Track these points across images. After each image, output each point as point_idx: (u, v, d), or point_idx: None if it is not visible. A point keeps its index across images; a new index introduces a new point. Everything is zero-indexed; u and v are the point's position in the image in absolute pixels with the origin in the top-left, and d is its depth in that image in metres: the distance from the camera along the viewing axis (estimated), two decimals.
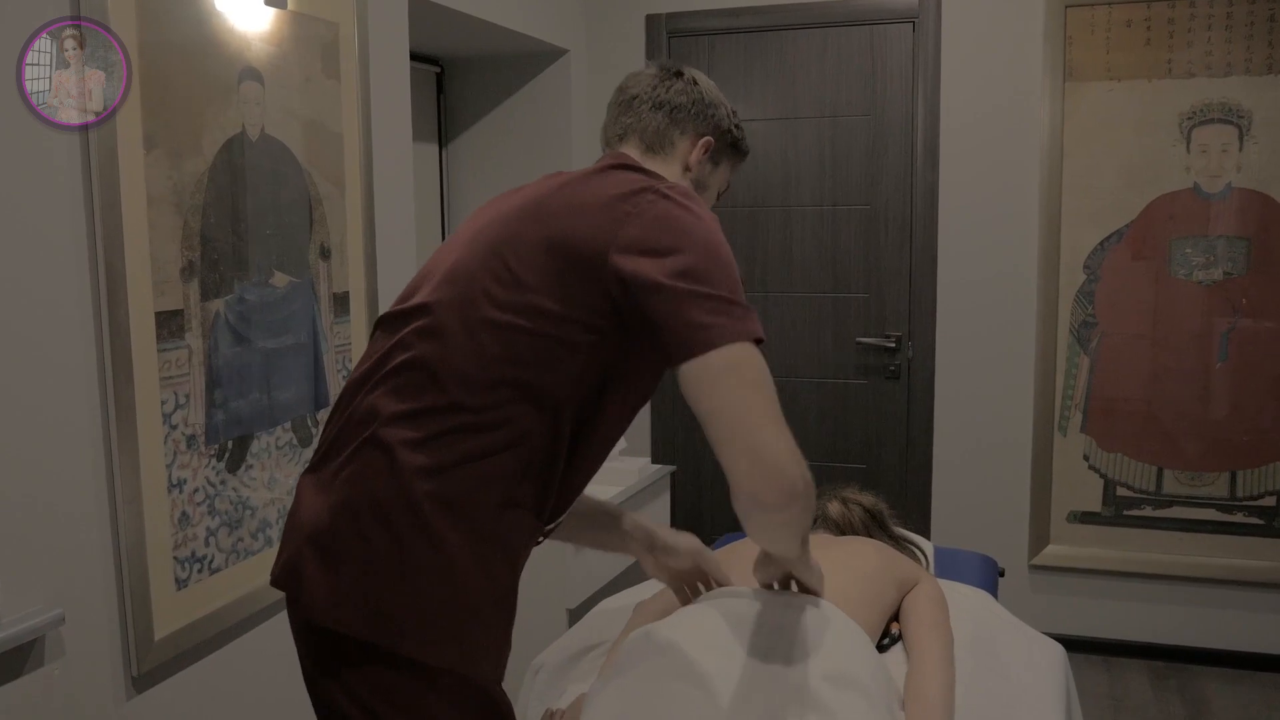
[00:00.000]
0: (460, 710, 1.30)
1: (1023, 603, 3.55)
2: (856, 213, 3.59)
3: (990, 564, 2.32)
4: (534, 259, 1.30)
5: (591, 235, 1.28)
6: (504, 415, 1.29)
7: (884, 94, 3.53)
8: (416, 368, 1.31)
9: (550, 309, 1.28)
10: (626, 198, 1.30)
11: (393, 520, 1.27)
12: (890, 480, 3.67)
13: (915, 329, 3.57)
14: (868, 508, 2.14)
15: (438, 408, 1.29)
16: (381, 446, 1.29)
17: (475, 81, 3.78)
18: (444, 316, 1.32)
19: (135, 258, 1.85)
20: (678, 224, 1.28)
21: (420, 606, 1.26)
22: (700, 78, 1.55)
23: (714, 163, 1.55)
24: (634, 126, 1.52)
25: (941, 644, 1.70)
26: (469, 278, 1.33)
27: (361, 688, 1.29)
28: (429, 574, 1.27)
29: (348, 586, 1.28)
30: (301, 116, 2.26)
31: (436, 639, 1.27)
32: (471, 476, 1.28)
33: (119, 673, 1.87)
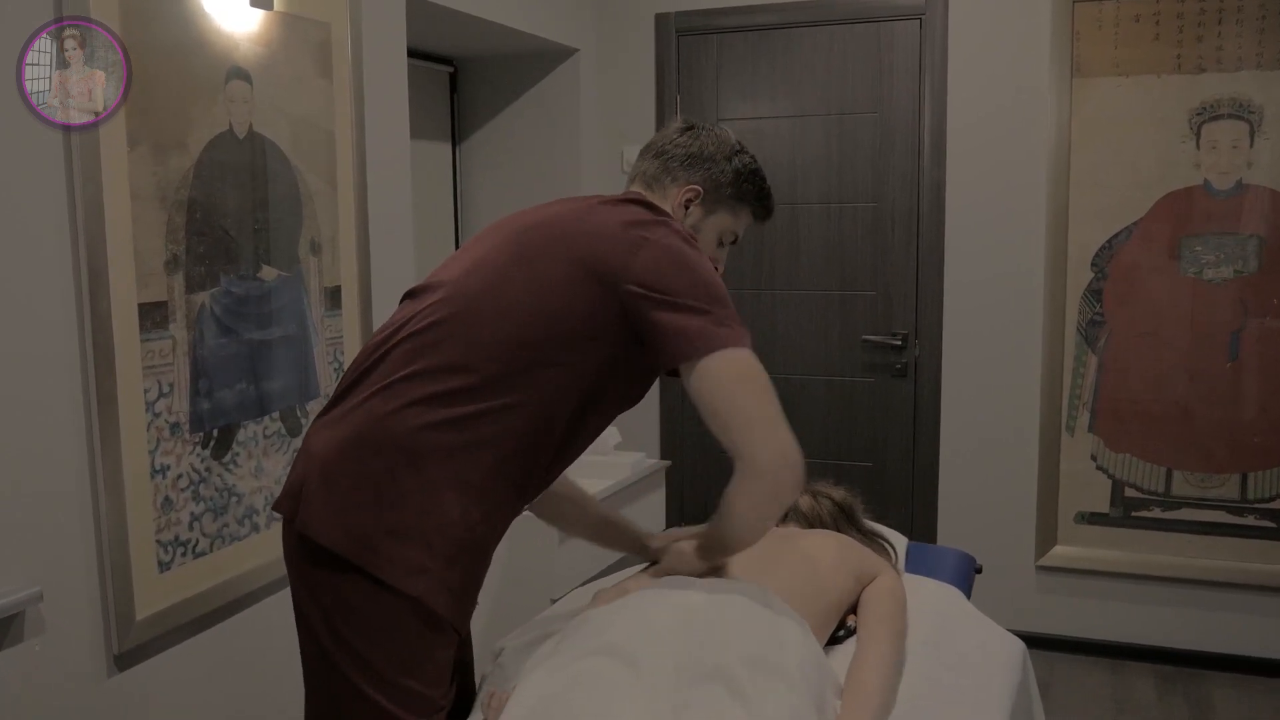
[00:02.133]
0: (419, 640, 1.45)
1: (1028, 604, 3.52)
2: (863, 210, 3.59)
3: (966, 561, 2.32)
4: (558, 268, 1.48)
5: (608, 256, 1.47)
6: (510, 390, 1.47)
7: (891, 91, 3.52)
8: (437, 332, 1.49)
9: (568, 312, 1.47)
10: (640, 225, 1.51)
11: (390, 456, 1.45)
12: (896, 479, 3.66)
13: (922, 327, 3.55)
14: (837, 501, 2.15)
15: (451, 369, 1.47)
16: (394, 394, 1.48)
17: (488, 81, 3.83)
18: (470, 294, 1.51)
19: (117, 251, 1.92)
20: (680, 254, 1.49)
21: (401, 536, 1.44)
22: (709, 136, 1.70)
23: (706, 210, 1.69)
24: (640, 171, 1.72)
25: (888, 637, 1.70)
26: (497, 270, 1.52)
27: (331, 600, 1.47)
28: (415, 509, 1.44)
29: (339, 506, 1.46)
30: (291, 115, 2.33)
31: (406, 568, 1.43)
32: (470, 435, 1.46)
33: (100, 651, 1.94)
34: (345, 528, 1.45)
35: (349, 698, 1.46)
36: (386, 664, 1.44)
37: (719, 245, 1.74)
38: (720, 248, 1.74)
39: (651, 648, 1.45)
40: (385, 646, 1.45)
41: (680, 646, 1.45)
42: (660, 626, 1.49)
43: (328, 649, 1.49)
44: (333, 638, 1.48)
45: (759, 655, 1.43)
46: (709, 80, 3.72)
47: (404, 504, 1.45)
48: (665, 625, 1.49)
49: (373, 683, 1.44)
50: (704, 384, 1.45)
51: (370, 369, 1.53)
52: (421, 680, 1.46)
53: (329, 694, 1.50)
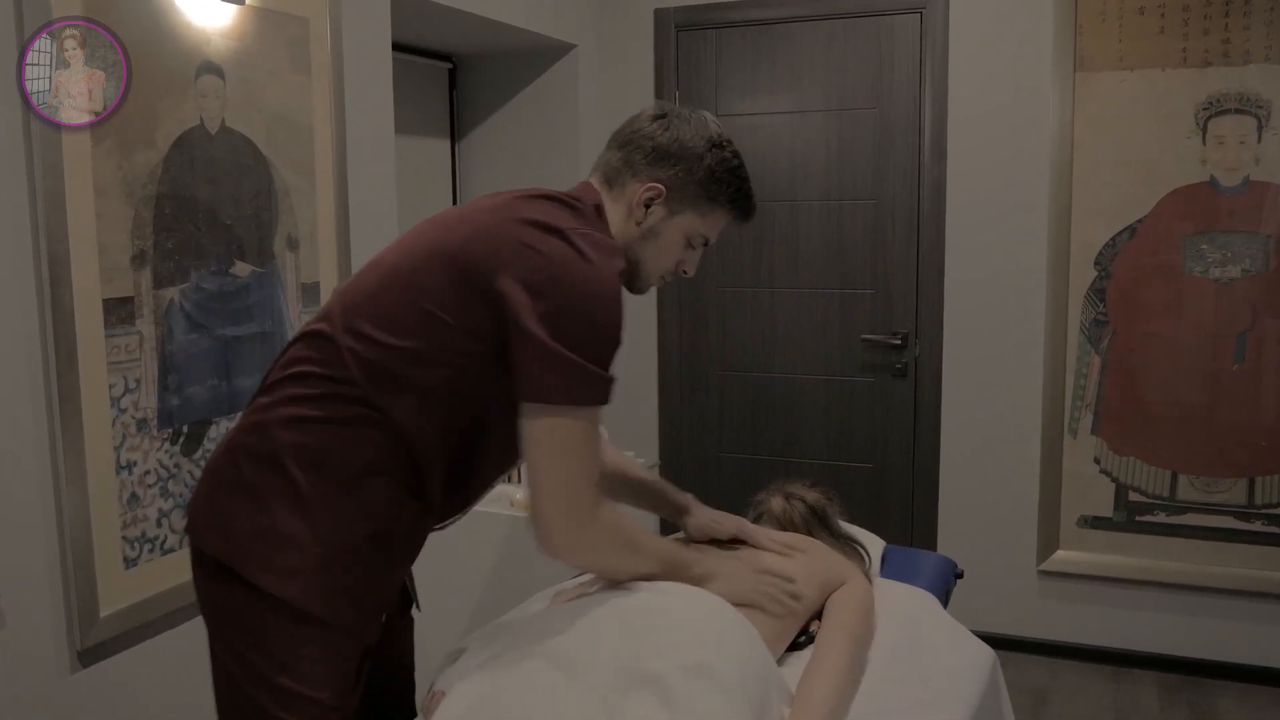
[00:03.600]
0: (296, 642, 1.40)
1: (1030, 609, 3.45)
2: (863, 207, 3.53)
3: (947, 566, 2.26)
4: (436, 266, 1.40)
5: (485, 256, 1.37)
6: (380, 391, 1.40)
7: (891, 87, 3.46)
8: (317, 335, 1.45)
9: (439, 312, 1.39)
10: (537, 228, 1.38)
11: (263, 459, 1.42)
12: (896, 480, 3.60)
13: (922, 326, 3.49)
14: (810, 504, 2.10)
15: (324, 375, 1.42)
16: (271, 394, 1.46)
17: (486, 77, 3.82)
18: (353, 293, 1.46)
19: (80, 246, 1.91)
20: (566, 271, 1.35)
21: (270, 539, 1.40)
22: (683, 126, 1.53)
23: (670, 210, 1.53)
24: (601, 160, 1.57)
25: (845, 644, 1.66)
26: (383, 267, 1.46)
27: (221, 608, 1.45)
28: (286, 511, 1.40)
29: (217, 512, 1.44)
30: (266, 110, 2.32)
31: (286, 573, 1.39)
32: (341, 436, 1.40)
33: (63, 646, 1.94)
34: (224, 534, 1.42)
35: (239, 702, 1.45)
36: (266, 664, 1.41)
37: (687, 248, 1.58)
38: (690, 249, 1.59)
39: (590, 651, 1.42)
40: (264, 647, 1.41)
41: (618, 651, 1.42)
42: (601, 630, 1.46)
43: (219, 654, 1.47)
44: (221, 641, 1.46)
45: (697, 662, 1.39)
46: (708, 76, 3.68)
47: (276, 506, 1.40)
48: (606, 629, 1.46)
49: (254, 683, 1.41)
50: (528, 435, 1.37)
51: (272, 367, 1.51)
52: (300, 681, 1.41)
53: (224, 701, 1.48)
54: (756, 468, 3.75)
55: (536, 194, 1.47)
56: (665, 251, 1.57)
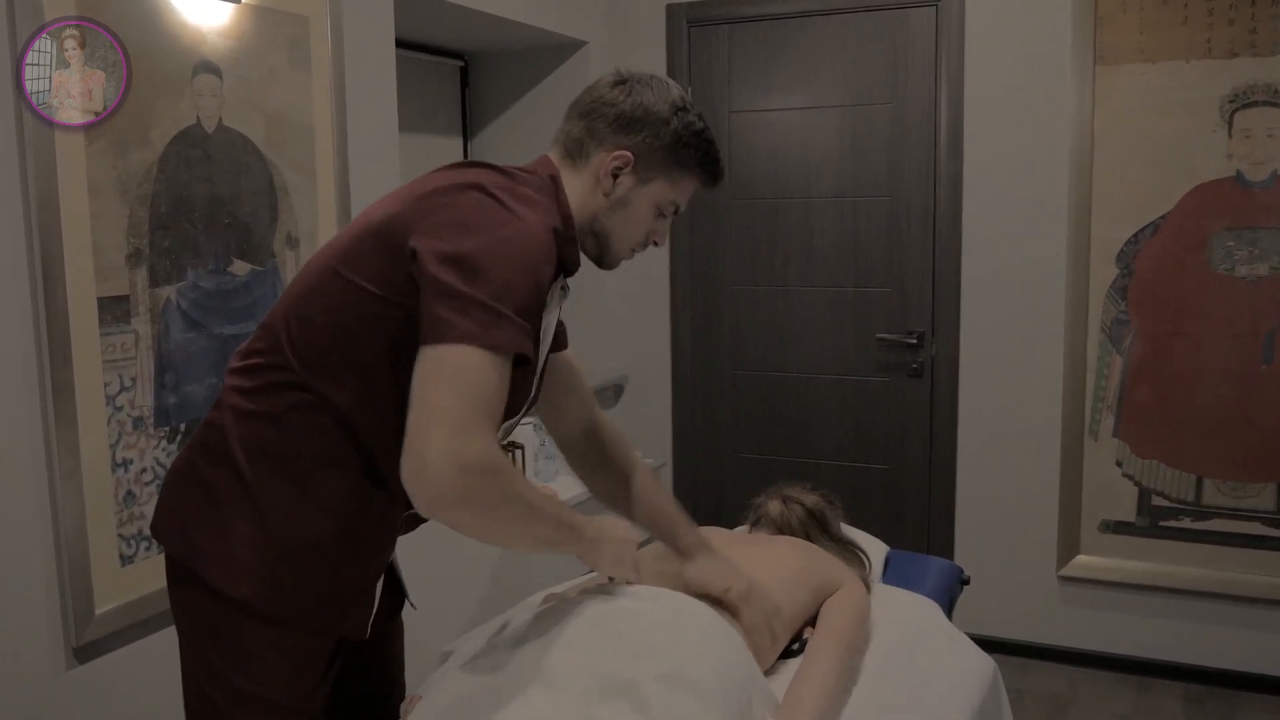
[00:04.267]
0: (255, 643, 1.38)
1: (1050, 616, 3.38)
2: (878, 204, 3.48)
3: (952, 571, 2.22)
4: (365, 242, 1.36)
5: (401, 219, 1.32)
6: (321, 378, 1.36)
7: (906, 81, 3.40)
8: (264, 326, 1.44)
9: (372, 290, 1.33)
10: (451, 190, 1.33)
11: (214, 458, 1.40)
12: (913, 482, 3.54)
13: (938, 325, 3.43)
14: (808, 508, 2.07)
15: (266, 364, 1.40)
16: (225, 386, 1.45)
17: (499, 75, 3.80)
18: (299, 279, 1.44)
19: (74, 245, 1.92)
20: (478, 217, 1.28)
21: (228, 539, 1.37)
22: (645, 90, 1.46)
23: (639, 179, 1.46)
24: (560, 132, 1.50)
25: (835, 651, 1.63)
26: (324, 252, 1.43)
27: (181, 604, 1.45)
28: (238, 508, 1.37)
29: (174, 510, 1.44)
30: (265, 109, 2.31)
31: (238, 572, 1.36)
32: (286, 428, 1.37)
33: (58, 643, 1.95)
34: (183, 533, 1.42)
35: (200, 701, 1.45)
36: (222, 662, 1.40)
37: (658, 217, 1.52)
38: (660, 218, 1.52)
39: (566, 658, 1.40)
40: (221, 646, 1.40)
41: (595, 658, 1.39)
42: (579, 636, 1.44)
43: (183, 652, 1.46)
44: (185, 639, 1.46)
45: (673, 670, 1.36)
46: (720, 72, 3.64)
47: (229, 504, 1.37)
48: (584, 635, 1.44)
49: (212, 682, 1.41)
50: (414, 377, 1.22)
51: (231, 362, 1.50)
52: (255, 681, 1.39)
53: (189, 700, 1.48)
54: (770, 468, 3.70)
55: (471, 163, 1.42)
56: (635, 222, 1.50)
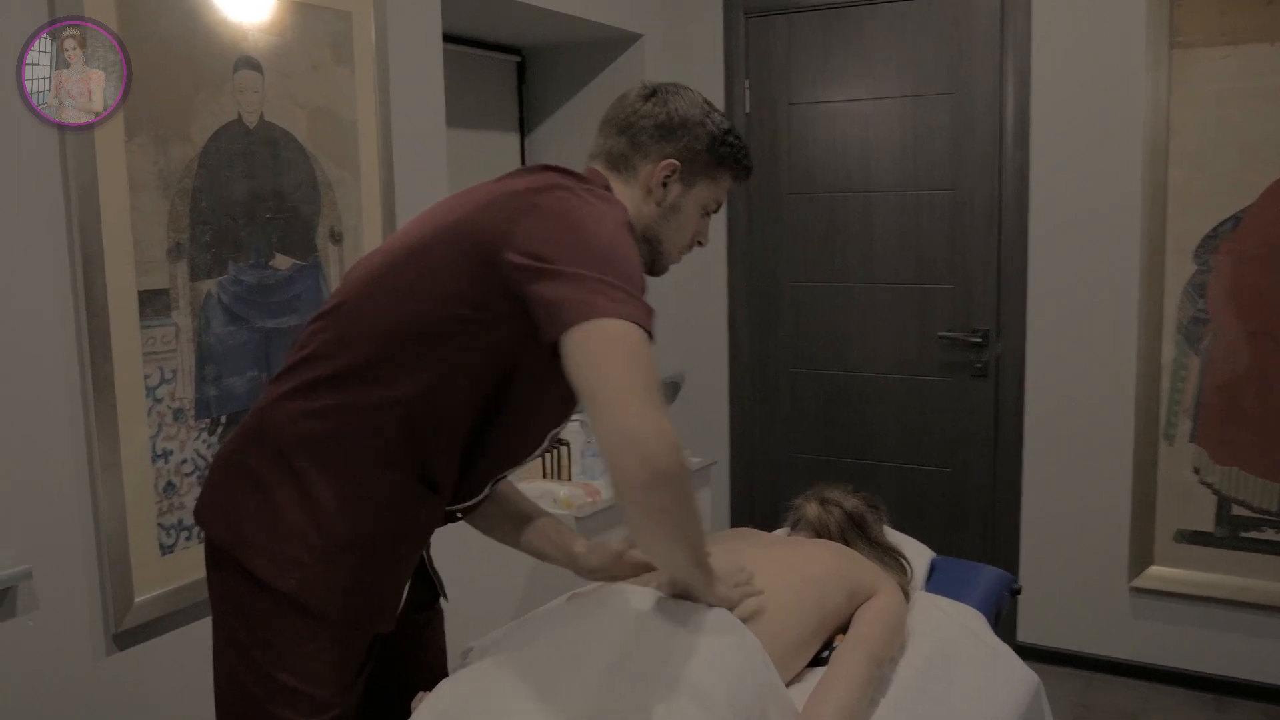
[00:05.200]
0: (295, 636, 1.38)
1: (1120, 629, 3.23)
2: (940, 198, 3.36)
3: (1001, 581, 2.12)
4: (445, 247, 1.36)
5: (491, 225, 1.33)
6: (387, 380, 1.37)
7: (969, 69, 3.28)
8: (326, 320, 1.44)
9: (452, 294, 1.35)
10: (536, 192, 1.35)
11: (268, 448, 1.40)
12: (975, 487, 3.42)
13: (1004, 323, 3.31)
14: (848, 511, 2.00)
15: (329, 358, 1.40)
16: (280, 382, 1.44)
17: (555, 70, 3.79)
18: (362, 279, 1.44)
19: (115, 240, 1.95)
20: (573, 216, 1.32)
21: (273, 530, 1.38)
22: (676, 98, 1.54)
23: (686, 184, 1.54)
24: (601, 148, 1.56)
25: (862, 661, 1.56)
26: (391, 252, 1.44)
27: (220, 591, 1.46)
28: (291, 503, 1.38)
29: (222, 499, 1.45)
30: (307, 104, 2.32)
31: (280, 563, 1.37)
32: (344, 425, 1.38)
33: (98, 629, 1.98)
34: (227, 522, 1.42)
35: (236, 693, 1.44)
36: (264, 656, 1.40)
37: (703, 215, 1.59)
38: (704, 218, 1.60)
39: (577, 661, 1.37)
40: (263, 639, 1.40)
41: (602, 662, 1.35)
42: (592, 639, 1.40)
43: (220, 644, 1.47)
44: (223, 630, 1.46)
45: (682, 678, 1.32)
46: (779, 63, 3.57)
47: (280, 496, 1.38)
48: (597, 638, 1.40)
49: (252, 675, 1.41)
50: (571, 358, 1.21)
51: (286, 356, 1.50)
52: (299, 677, 1.39)
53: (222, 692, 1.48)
54: (828, 469, 3.62)
55: (542, 167, 1.46)
56: (684, 225, 1.57)
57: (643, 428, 1.15)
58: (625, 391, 1.17)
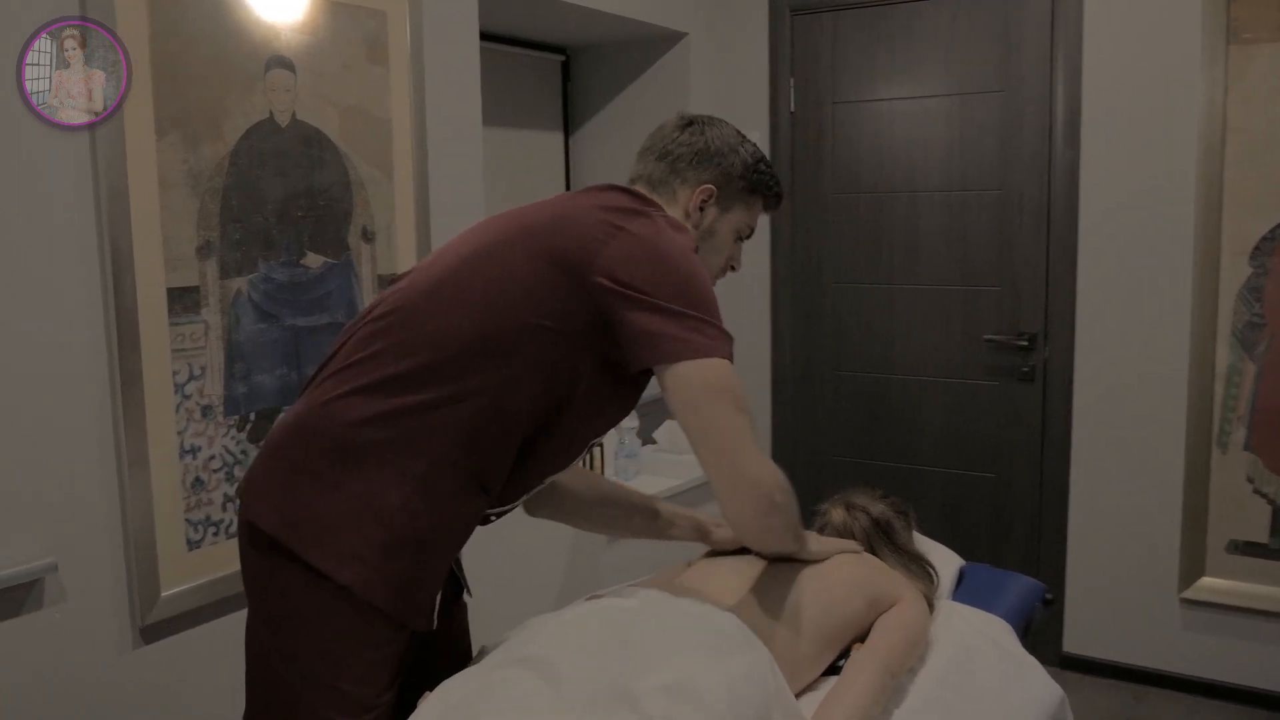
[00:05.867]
0: (341, 627, 1.39)
1: (1170, 641, 3.13)
2: (987, 198, 3.29)
3: (1033, 590, 2.05)
4: (521, 258, 1.42)
5: (576, 244, 1.40)
6: (454, 382, 1.40)
7: (1019, 66, 3.20)
8: (388, 321, 1.45)
9: (528, 304, 1.40)
10: (618, 213, 1.44)
11: (328, 443, 1.41)
12: (1021, 493, 3.34)
13: (1052, 326, 3.22)
14: (874, 517, 1.95)
15: (395, 359, 1.42)
16: (340, 381, 1.45)
17: (599, 69, 3.78)
18: (427, 284, 1.47)
19: (144, 237, 1.97)
20: (659, 246, 1.41)
21: (333, 523, 1.39)
22: (712, 128, 1.64)
23: (722, 209, 1.63)
24: (642, 174, 1.65)
25: (874, 670, 1.52)
26: (460, 259, 1.47)
27: (267, 587, 1.45)
28: (351, 496, 1.39)
29: (278, 490, 1.44)
30: (340, 103, 2.34)
31: (340, 555, 1.37)
32: (410, 426, 1.40)
33: (125, 623, 2.01)
34: (281, 512, 1.42)
35: (273, 686, 1.45)
36: (312, 657, 1.41)
37: (736, 240, 1.68)
38: (736, 243, 1.69)
39: (574, 662, 1.35)
40: (313, 638, 1.41)
41: (603, 664, 1.34)
42: (588, 640, 1.39)
43: (263, 640, 1.47)
44: (267, 625, 1.46)
45: (678, 681, 1.29)
46: (824, 61, 3.51)
47: (341, 491, 1.40)
48: (594, 639, 1.39)
49: (292, 671, 1.41)
50: (676, 396, 1.38)
51: (334, 355, 1.51)
52: (349, 678, 1.41)
53: (258, 683, 1.48)
54: (871, 473, 3.56)
55: (609, 186, 1.54)
56: (720, 249, 1.66)
57: (761, 476, 1.39)
58: (737, 438, 1.37)
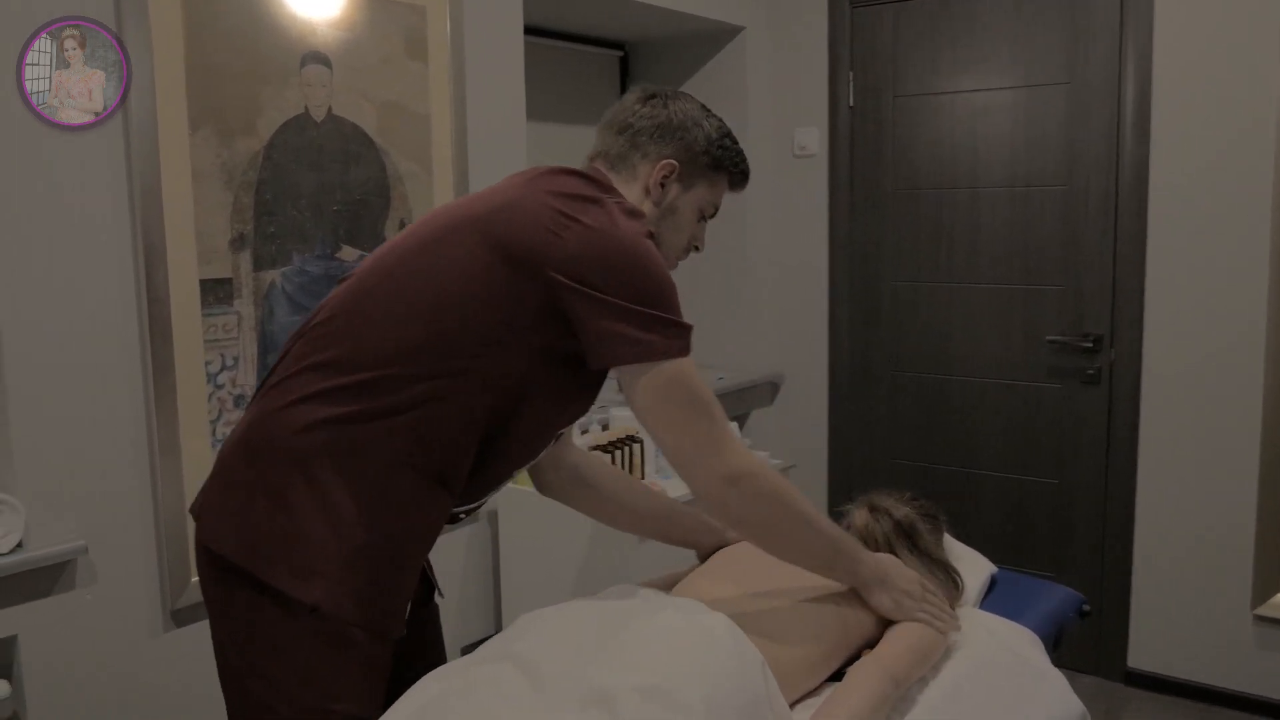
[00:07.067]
0: (318, 648, 1.32)
1: (1242, 660, 2.97)
2: (1052, 193, 3.16)
3: (1068, 601, 1.95)
4: (466, 251, 1.35)
5: (527, 236, 1.34)
6: (402, 386, 1.34)
7: (1086, 57, 3.07)
8: (332, 325, 1.39)
9: (477, 300, 1.34)
10: (571, 201, 1.37)
11: (279, 456, 1.35)
12: (1084, 500, 3.20)
13: (1118, 328, 3.08)
14: (897, 520, 1.88)
15: (340, 364, 1.36)
16: (286, 390, 1.38)
17: (657, 64, 3.75)
18: (369, 284, 1.40)
19: (177, 229, 2.02)
20: (613, 238, 1.35)
21: (290, 540, 1.32)
22: (675, 101, 1.56)
23: (684, 186, 1.55)
24: (601, 150, 1.57)
25: (877, 681, 1.46)
26: (400, 257, 1.41)
27: (234, 615, 1.37)
28: (306, 510, 1.33)
29: (232, 510, 1.37)
30: (377, 98, 2.36)
31: (301, 573, 1.31)
32: (359, 433, 1.34)
33: (155, 606, 2.06)
34: (238, 532, 1.35)
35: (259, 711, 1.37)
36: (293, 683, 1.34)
37: (700, 220, 1.59)
38: (700, 222, 1.60)
39: (556, 660, 1.33)
40: (289, 663, 1.34)
41: (585, 663, 1.31)
42: (574, 639, 1.36)
43: (234, 666, 1.38)
44: (240, 655, 1.37)
45: (653, 684, 1.26)
46: (885, 54, 3.42)
47: (295, 505, 1.33)
48: (580, 638, 1.36)
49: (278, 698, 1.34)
50: (634, 400, 1.37)
51: (280, 362, 1.44)
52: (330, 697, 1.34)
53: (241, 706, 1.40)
54: (928, 476, 3.46)
55: (559, 169, 1.47)
56: (681, 228, 1.57)
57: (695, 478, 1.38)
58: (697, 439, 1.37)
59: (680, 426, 1.36)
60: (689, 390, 1.36)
